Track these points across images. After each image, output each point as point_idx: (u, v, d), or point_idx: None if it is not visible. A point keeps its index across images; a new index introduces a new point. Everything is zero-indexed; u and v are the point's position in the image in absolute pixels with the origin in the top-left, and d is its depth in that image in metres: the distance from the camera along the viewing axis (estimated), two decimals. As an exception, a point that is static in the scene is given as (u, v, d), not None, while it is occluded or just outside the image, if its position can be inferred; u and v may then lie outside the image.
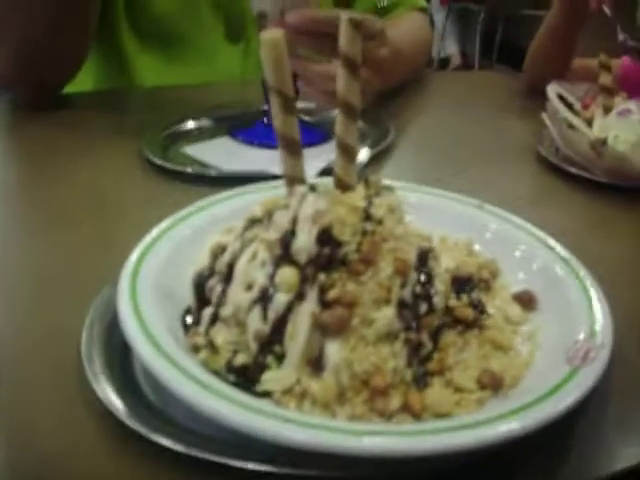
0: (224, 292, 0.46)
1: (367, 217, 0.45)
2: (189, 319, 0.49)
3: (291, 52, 0.48)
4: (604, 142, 0.81)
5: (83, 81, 1.10)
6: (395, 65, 0.95)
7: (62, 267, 0.62)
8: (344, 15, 0.45)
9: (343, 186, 0.48)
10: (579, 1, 1.12)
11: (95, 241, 0.67)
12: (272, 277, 0.44)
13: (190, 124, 0.97)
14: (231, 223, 0.52)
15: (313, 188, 0.46)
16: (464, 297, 0.50)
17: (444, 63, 4.90)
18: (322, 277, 0.43)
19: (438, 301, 0.46)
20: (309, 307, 0.43)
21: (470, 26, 4.84)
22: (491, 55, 4.73)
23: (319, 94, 0.81)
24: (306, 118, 0.96)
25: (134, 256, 0.52)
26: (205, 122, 0.98)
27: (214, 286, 0.47)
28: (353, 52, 0.46)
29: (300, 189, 0.46)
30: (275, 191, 0.50)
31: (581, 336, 0.47)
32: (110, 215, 0.74)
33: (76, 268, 0.62)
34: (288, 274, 0.43)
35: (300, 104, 0.89)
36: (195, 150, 0.88)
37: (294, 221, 0.44)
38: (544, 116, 0.92)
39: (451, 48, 4.97)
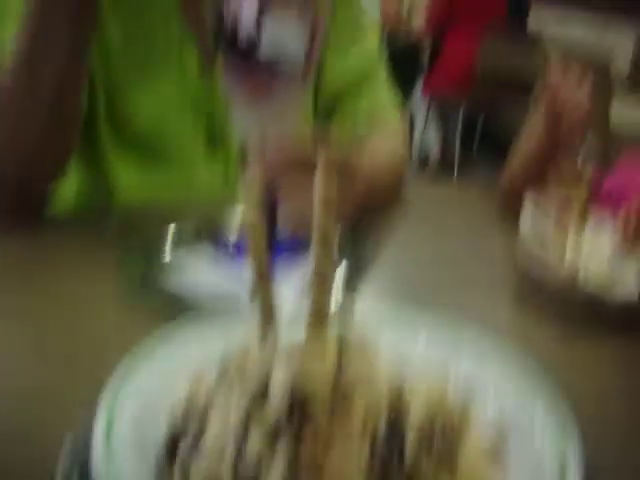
0: (200, 431, 0.46)
1: (339, 365, 0.46)
2: (165, 458, 0.49)
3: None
4: (574, 283, 0.83)
5: (63, 190, 1.11)
6: (368, 197, 0.97)
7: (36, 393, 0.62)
8: (321, 159, 0.48)
9: (317, 315, 0.49)
10: (563, 130, 1.15)
11: (72, 374, 0.67)
12: (247, 419, 0.44)
13: (170, 235, 0.97)
14: (207, 352, 0.52)
15: (286, 327, 0.48)
16: (437, 435, 0.50)
17: (424, 159, 4.98)
18: (294, 426, 0.43)
19: (410, 444, 0.46)
20: (283, 450, 0.43)
21: (450, 118, 4.94)
22: (472, 145, 4.83)
23: (298, 217, 0.83)
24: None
25: (108, 394, 0.51)
26: (186, 231, 0.99)
27: (189, 425, 0.47)
28: (329, 194, 0.49)
29: (273, 332, 0.48)
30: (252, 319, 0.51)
31: (555, 470, 0.47)
32: (88, 341, 0.73)
33: (50, 397, 0.62)
34: (263, 417, 0.44)
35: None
36: (175, 264, 0.89)
37: (267, 371, 0.45)
38: (520, 234, 0.93)
39: (431, 141, 5.07)
